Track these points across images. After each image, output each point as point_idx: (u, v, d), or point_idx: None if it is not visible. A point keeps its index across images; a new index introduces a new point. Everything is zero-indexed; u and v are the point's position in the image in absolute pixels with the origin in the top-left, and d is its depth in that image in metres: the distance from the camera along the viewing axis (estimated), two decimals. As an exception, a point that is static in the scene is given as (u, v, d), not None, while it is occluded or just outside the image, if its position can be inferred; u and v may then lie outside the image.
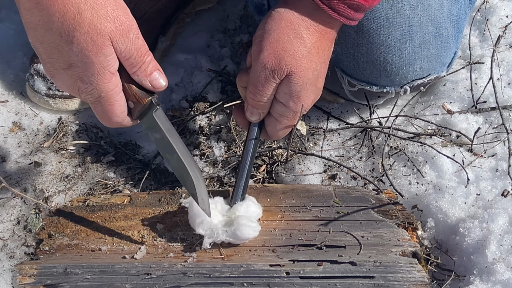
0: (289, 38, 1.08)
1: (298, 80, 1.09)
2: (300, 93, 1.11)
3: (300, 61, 1.08)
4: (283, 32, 1.08)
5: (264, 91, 1.10)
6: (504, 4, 1.63)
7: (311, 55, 1.10)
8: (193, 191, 1.10)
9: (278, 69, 1.08)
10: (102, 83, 0.99)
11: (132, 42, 0.99)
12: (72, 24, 0.95)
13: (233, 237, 1.11)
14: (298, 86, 1.10)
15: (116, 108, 1.03)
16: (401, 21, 1.29)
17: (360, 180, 1.34)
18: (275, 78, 1.09)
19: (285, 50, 1.08)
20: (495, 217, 1.21)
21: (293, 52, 1.08)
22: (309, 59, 1.09)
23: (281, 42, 1.07)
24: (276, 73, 1.08)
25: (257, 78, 1.09)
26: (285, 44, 1.08)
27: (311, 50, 1.09)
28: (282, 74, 1.08)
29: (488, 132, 1.39)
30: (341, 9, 1.06)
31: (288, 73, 1.08)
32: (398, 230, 1.16)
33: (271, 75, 1.08)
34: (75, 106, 1.49)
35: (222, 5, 1.71)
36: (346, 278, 1.09)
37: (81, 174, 1.38)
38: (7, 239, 1.24)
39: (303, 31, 1.08)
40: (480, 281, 1.15)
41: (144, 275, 1.10)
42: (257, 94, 1.11)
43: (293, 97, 1.11)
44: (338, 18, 1.07)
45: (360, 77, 1.38)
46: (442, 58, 1.38)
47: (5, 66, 1.60)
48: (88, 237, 1.18)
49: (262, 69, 1.08)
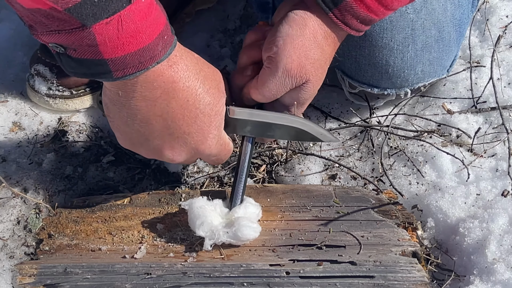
0: (312, 47, 1.08)
1: (311, 89, 1.11)
2: (307, 100, 1.13)
3: (317, 71, 1.10)
4: (308, 40, 1.08)
5: (276, 95, 1.11)
6: (504, 4, 1.63)
7: (326, 65, 1.12)
8: (312, 137, 1.15)
9: (299, 77, 1.09)
10: (222, 131, 1.09)
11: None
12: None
13: (234, 238, 1.11)
14: (308, 95, 1.12)
15: (231, 145, 1.13)
16: (404, 24, 1.29)
17: (360, 180, 1.34)
18: (292, 85, 1.10)
19: (308, 58, 1.08)
20: (495, 217, 1.21)
21: (313, 61, 1.09)
22: (324, 70, 1.12)
23: (305, 49, 1.08)
24: (296, 80, 1.09)
25: (273, 81, 1.09)
26: (308, 52, 1.08)
27: (327, 61, 1.11)
28: (300, 82, 1.09)
29: (488, 132, 1.39)
30: (354, 24, 1.07)
31: (305, 82, 1.09)
32: (398, 230, 1.16)
33: (290, 81, 1.09)
34: (75, 106, 1.49)
35: (222, 5, 1.71)
36: (346, 278, 1.09)
37: (81, 174, 1.38)
38: (7, 239, 1.24)
39: (323, 42, 1.09)
40: (480, 281, 1.15)
41: (144, 275, 1.10)
42: (268, 97, 1.11)
43: (299, 103, 1.12)
44: (349, 31, 1.09)
45: (361, 79, 1.38)
46: (444, 61, 1.38)
47: (5, 66, 1.60)
48: (88, 237, 1.18)
49: (283, 75, 1.08)
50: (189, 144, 1.05)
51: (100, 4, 0.85)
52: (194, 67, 1.01)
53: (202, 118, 1.03)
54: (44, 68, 1.45)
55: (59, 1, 0.83)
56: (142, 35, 0.91)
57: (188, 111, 1.01)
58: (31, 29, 0.92)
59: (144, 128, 1.03)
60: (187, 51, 1.02)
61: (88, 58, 0.91)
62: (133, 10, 0.88)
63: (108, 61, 0.91)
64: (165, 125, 1.02)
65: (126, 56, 0.91)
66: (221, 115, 1.06)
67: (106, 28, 0.88)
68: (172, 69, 0.97)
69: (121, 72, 0.93)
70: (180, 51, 0.99)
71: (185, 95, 1.00)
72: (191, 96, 1.01)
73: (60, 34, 0.89)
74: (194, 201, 1.13)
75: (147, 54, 0.92)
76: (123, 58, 0.91)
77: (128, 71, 0.93)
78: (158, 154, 1.08)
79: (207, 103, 1.03)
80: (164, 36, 0.94)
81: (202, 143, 1.06)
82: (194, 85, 1.00)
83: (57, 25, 0.88)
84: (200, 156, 1.10)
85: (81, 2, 0.84)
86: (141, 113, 1.01)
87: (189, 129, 1.03)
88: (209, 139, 1.06)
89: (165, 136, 1.04)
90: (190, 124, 1.03)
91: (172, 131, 1.03)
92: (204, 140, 1.06)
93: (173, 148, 1.06)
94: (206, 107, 1.03)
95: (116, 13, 0.87)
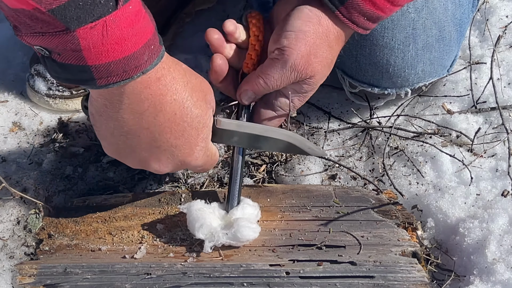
0: (322, 45, 1.09)
1: (314, 84, 1.11)
2: (308, 93, 1.13)
3: (323, 68, 1.10)
4: (320, 38, 1.08)
5: (280, 85, 1.11)
6: (504, 4, 1.63)
7: (332, 63, 1.13)
8: (300, 150, 1.16)
9: (304, 73, 1.09)
10: (209, 142, 1.09)
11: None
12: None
13: (234, 239, 1.10)
14: (311, 88, 1.12)
15: (218, 154, 1.13)
16: (405, 23, 1.29)
17: (360, 180, 1.34)
18: (296, 78, 1.10)
19: (316, 56, 1.08)
20: (495, 217, 1.21)
21: (321, 59, 1.09)
22: (330, 67, 1.12)
23: (315, 47, 1.08)
24: (301, 75, 1.09)
25: (278, 73, 1.09)
26: (318, 50, 1.08)
27: (334, 59, 1.12)
28: (305, 77, 1.10)
29: (488, 132, 1.39)
30: (361, 21, 1.07)
31: (309, 76, 1.10)
32: (398, 230, 1.16)
33: (294, 75, 1.09)
34: (75, 106, 1.49)
35: (222, 5, 1.71)
36: (346, 278, 1.09)
37: (81, 174, 1.38)
38: (7, 239, 1.24)
39: (333, 41, 1.09)
40: (480, 281, 1.15)
41: (144, 275, 1.10)
42: (271, 86, 1.11)
43: (301, 96, 1.13)
44: (357, 29, 1.09)
45: (362, 78, 1.38)
46: (444, 61, 1.38)
47: (5, 66, 1.60)
48: (88, 237, 1.18)
49: (290, 69, 1.08)
50: (176, 156, 1.05)
51: (85, 8, 0.84)
52: (182, 79, 1.00)
53: (189, 131, 1.03)
54: (44, 68, 1.45)
55: (43, 1, 0.82)
56: (127, 43, 0.89)
57: (175, 124, 1.01)
58: (15, 30, 0.90)
59: (130, 140, 1.02)
60: (175, 62, 1.00)
61: (72, 64, 0.89)
62: (119, 16, 0.87)
63: (92, 68, 0.89)
64: (152, 138, 1.01)
65: (111, 63, 0.89)
66: (208, 127, 1.06)
67: (91, 33, 0.86)
68: (160, 82, 0.96)
69: (105, 80, 0.91)
70: (167, 62, 0.98)
71: (173, 108, 0.99)
72: (178, 109, 1.00)
73: (44, 37, 0.87)
74: (192, 204, 1.13)
75: (132, 63, 0.91)
76: (107, 65, 0.89)
77: (112, 80, 0.91)
78: (144, 165, 1.07)
79: (195, 116, 1.02)
80: (151, 45, 0.92)
81: (189, 155, 1.06)
82: (181, 98, 1.00)
83: (41, 27, 0.86)
84: (187, 167, 1.10)
85: (65, 4, 0.83)
86: (128, 126, 1.00)
87: (177, 142, 1.03)
88: (196, 151, 1.06)
89: (152, 149, 1.03)
90: (177, 137, 1.02)
91: (159, 144, 1.02)
92: (191, 153, 1.05)
93: (159, 160, 1.05)
94: (193, 120, 1.02)
95: (102, 17, 0.85)
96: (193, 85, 1.02)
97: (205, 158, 1.09)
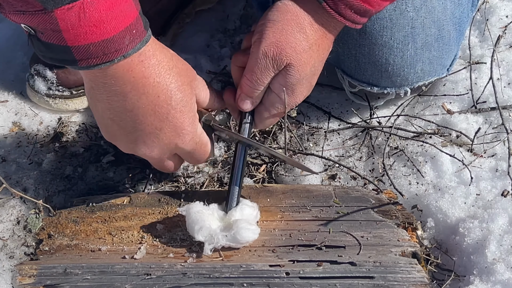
0: (293, 31, 1.08)
1: (296, 73, 1.10)
2: (295, 86, 1.12)
3: (300, 55, 1.09)
4: (288, 24, 1.08)
5: (262, 79, 1.11)
6: (504, 4, 1.63)
7: (312, 51, 1.10)
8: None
9: (278, 59, 1.08)
10: (197, 129, 1.09)
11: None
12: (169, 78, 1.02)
13: (233, 241, 1.10)
14: (295, 79, 1.11)
15: (209, 145, 1.13)
16: (404, 22, 1.29)
17: (360, 180, 1.34)
18: (274, 67, 1.09)
19: (288, 42, 1.08)
20: (495, 217, 1.21)
21: (294, 45, 1.08)
22: (309, 55, 1.10)
23: (285, 33, 1.08)
24: (276, 63, 1.09)
25: (256, 65, 1.10)
26: (288, 36, 1.08)
27: (312, 46, 1.10)
28: (281, 65, 1.09)
29: (488, 132, 1.39)
30: (348, 14, 1.07)
31: (286, 65, 1.09)
32: (398, 230, 1.16)
33: (270, 63, 1.09)
34: (75, 106, 1.49)
35: (222, 5, 1.71)
36: (346, 279, 1.09)
37: (81, 174, 1.38)
38: (7, 239, 1.24)
39: (307, 27, 1.09)
40: (480, 281, 1.15)
41: (144, 276, 1.10)
42: (254, 81, 1.11)
43: (287, 89, 1.12)
44: (344, 22, 1.08)
45: (361, 78, 1.38)
46: (443, 60, 1.38)
47: (5, 66, 1.60)
48: (88, 237, 1.18)
49: (262, 57, 1.08)
50: (161, 139, 1.06)
51: None
52: (168, 63, 1.01)
53: (174, 114, 1.03)
54: (44, 68, 1.45)
55: None
56: (106, 26, 0.90)
57: (159, 107, 1.02)
58: (0, 7, 0.92)
59: (117, 122, 1.04)
60: (162, 46, 1.01)
61: (54, 43, 0.91)
62: None
63: (72, 49, 0.91)
64: (137, 120, 1.02)
65: (89, 45, 0.91)
66: (193, 112, 1.07)
67: (68, 14, 0.87)
68: (143, 65, 0.97)
69: (85, 62, 0.93)
70: (153, 46, 0.99)
71: (156, 91, 1.00)
72: (162, 92, 1.01)
73: (25, 15, 0.89)
74: (191, 206, 1.13)
75: (111, 46, 0.92)
76: (86, 47, 0.91)
77: (93, 62, 0.93)
78: (133, 149, 1.08)
79: (179, 100, 1.03)
80: (133, 30, 0.93)
81: (174, 138, 1.06)
82: (165, 81, 1.01)
83: (21, 5, 0.88)
84: (176, 152, 1.10)
85: None
86: (113, 108, 1.01)
87: (161, 125, 1.04)
88: (182, 135, 1.07)
89: (137, 132, 1.04)
90: (162, 120, 1.03)
91: (143, 127, 1.03)
92: (176, 136, 1.06)
93: (145, 143, 1.06)
94: (178, 103, 1.03)
95: None
96: (179, 70, 1.04)
97: (193, 145, 1.10)
